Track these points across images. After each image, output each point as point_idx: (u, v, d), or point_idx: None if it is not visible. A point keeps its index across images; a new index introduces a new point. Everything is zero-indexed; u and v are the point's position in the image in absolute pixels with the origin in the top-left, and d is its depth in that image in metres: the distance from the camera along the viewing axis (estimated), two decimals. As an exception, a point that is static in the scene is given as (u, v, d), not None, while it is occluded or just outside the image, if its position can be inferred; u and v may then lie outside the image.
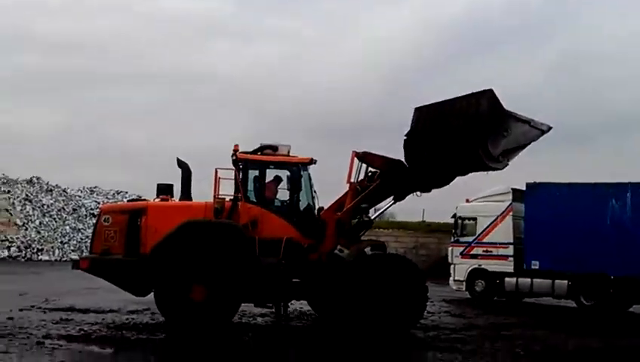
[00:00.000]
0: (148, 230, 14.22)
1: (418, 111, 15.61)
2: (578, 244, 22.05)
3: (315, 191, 15.16)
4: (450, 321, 17.11)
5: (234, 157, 14.88)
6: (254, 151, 15.08)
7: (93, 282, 19.65)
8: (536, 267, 23.09)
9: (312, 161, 14.96)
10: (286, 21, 72.91)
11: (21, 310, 15.18)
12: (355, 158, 15.41)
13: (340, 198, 15.53)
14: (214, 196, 14.44)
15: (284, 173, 15.19)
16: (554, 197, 22.63)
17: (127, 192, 49.50)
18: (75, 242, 41.62)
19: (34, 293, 18.70)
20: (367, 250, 15.23)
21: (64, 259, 39.93)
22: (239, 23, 75.36)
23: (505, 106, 14.16)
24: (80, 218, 42.99)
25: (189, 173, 15.26)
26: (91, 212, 44.82)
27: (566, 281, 22.57)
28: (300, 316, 16.80)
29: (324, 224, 15.11)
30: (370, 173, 15.61)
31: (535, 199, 23.35)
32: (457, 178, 15.80)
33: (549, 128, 14.94)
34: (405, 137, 15.55)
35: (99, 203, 46.78)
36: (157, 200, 14.94)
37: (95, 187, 46.91)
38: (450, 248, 26.07)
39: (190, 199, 15.15)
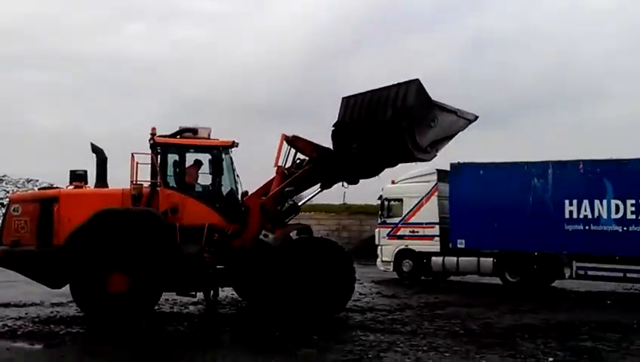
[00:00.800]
0: (61, 219, 13.45)
1: (346, 101, 15.37)
2: (502, 222, 22.32)
3: (237, 176, 14.64)
4: (384, 302, 17.00)
5: (151, 141, 14.24)
6: (173, 135, 14.46)
7: (7, 275, 18.81)
8: (462, 246, 23.30)
9: (234, 144, 14.43)
10: (203, 2, 71.12)
11: None
12: (284, 142, 15.02)
13: (266, 184, 15.14)
14: (131, 182, 13.75)
15: (204, 157, 14.63)
16: (477, 177, 22.77)
17: (37, 180, 47.75)
18: None
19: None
20: (293, 234, 14.84)
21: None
22: (155, 4, 73.21)
23: (431, 96, 14.07)
24: (-12, 208, 41.18)
25: (105, 159, 14.51)
26: (0, 202, 43.19)
27: (491, 259, 22.84)
28: (232, 303, 16.33)
29: (247, 209, 14.66)
30: (298, 160, 15.27)
31: (459, 179, 23.51)
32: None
33: (476, 117, 14.92)
34: (333, 128, 15.32)
35: (8, 192, 45.01)
36: (70, 187, 14.13)
37: (4, 176, 44.93)
38: (377, 230, 26.03)
39: (106, 186, 14.43)
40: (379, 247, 25.69)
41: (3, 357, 9.70)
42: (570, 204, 21.35)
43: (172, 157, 14.34)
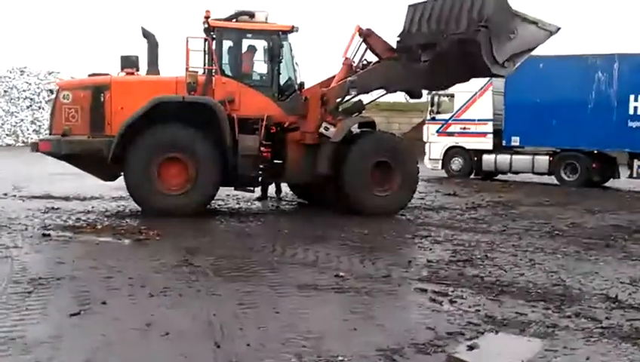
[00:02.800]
0: (113, 108, 12.68)
1: (412, 9, 14.26)
2: (560, 119, 21.35)
3: (296, 64, 13.63)
4: (450, 201, 16.36)
5: (205, 25, 13.25)
6: (229, 18, 13.40)
7: (48, 167, 18.50)
8: (517, 143, 22.44)
9: (294, 29, 13.36)
10: None
11: None
12: (357, 34, 13.98)
13: (329, 78, 14.18)
14: (186, 69, 12.85)
15: (260, 43, 13.62)
16: (536, 70, 21.46)
17: (59, 72, 47.15)
18: (9, 126, 39.68)
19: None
20: (355, 127, 13.97)
21: (-3, 143, 38.36)
22: None
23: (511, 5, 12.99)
24: (12, 100, 40.75)
25: (156, 44, 13.58)
26: (24, 94, 42.66)
27: (547, 157, 21.98)
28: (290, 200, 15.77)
29: (306, 100, 13.75)
30: (365, 61, 14.26)
31: (516, 73, 22.12)
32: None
33: (558, 29, 13.69)
34: (398, 38, 14.24)
35: (30, 84, 44.51)
36: (122, 74, 13.27)
37: (24, 67, 44.21)
38: (425, 126, 25.10)
39: (158, 73, 13.56)
40: (427, 144, 24.85)
41: (99, 249, 9.16)
42: (636, 100, 20.26)
43: (227, 43, 13.35)
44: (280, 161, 13.60)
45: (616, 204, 16.71)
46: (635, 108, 20.19)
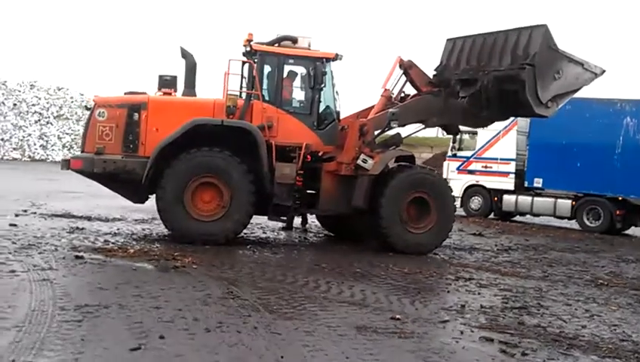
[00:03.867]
0: (148, 128, 12.36)
1: (451, 44, 14.11)
2: (585, 163, 21.07)
3: (336, 93, 13.35)
4: (478, 241, 16.06)
5: (248, 49, 12.99)
6: (271, 43, 13.14)
7: (58, 184, 18.16)
8: (539, 185, 22.13)
9: (337, 57, 13.10)
10: None
11: (17, 215, 13.66)
12: (398, 66, 13.76)
13: (368, 108, 13.91)
14: (226, 92, 12.56)
15: (300, 70, 13.34)
16: (563, 112, 20.95)
17: (68, 89, 47.16)
18: (16, 140, 39.52)
19: (5, 195, 16.99)
20: (393, 162, 13.65)
21: (4, 157, 37.96)
22: None
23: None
24: (21, 114, 40.60)
25: (194, 64, 13.28)
26: (33, 109, 42.51)
27: (570, 201, 21.65)
28: (317, 231, 15.40)
29: (343, 130, 13.46)
30: (403, 94, 14.03)
31: (542, 113, 22.07)
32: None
33: (603, 71, 13.54)
34: (435, 72, 14.08)
35: (40, 98, 44.39)
36: (159, 94, 12.97)
37: (35, 82, 44.12)
38: (446, 162, 24.79)
39: (194, 94, 13.25)
40: (447, 181, 24.48)
41: (138, 276, 8.79)
42: (665, 147, 19.98)
43: (268, 68, 13.08)
44: (312, 191, 13.24)
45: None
46: (664, 155, 19.92)
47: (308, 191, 13.25)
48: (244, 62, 13.26)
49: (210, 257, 10.60)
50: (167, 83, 12.97)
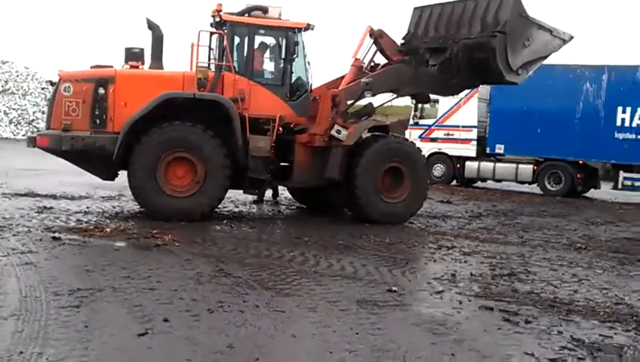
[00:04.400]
0: (116, 103, 11.95)
1: (419, 12, 14.00)
2: (546, 129, 21.38)
3: (308, 63, 13.12)
4: (448, 208, 16.16)
5: (217, 19, 12.65)
6: (241, 13, 12.80)
7: (14, 161, 17.65)
8: (501, 151, 22.37)
9: (310, 27, 12.86)
10: None
11: None
12: (368, 35, 13.57)
13: (338, 79, 13.72)
14: (196, 64, 12.22)
15: (272, 41, 13.08)
16: (523, 79, 21.42)
17: (13, 62, 45.97)
18: None
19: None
20: (366, 132, 13.54)
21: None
22: None
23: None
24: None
25: (161, 36, 12.86)
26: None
27: (531, 166, 21.96)
28: (289, 204, 15.24)
29: (315, 101, 13.27)
30: (373, 64, 13.87)
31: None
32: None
33: (571, 37, 13.60)
34: (402, 41, 13.97)
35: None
36: (126, 67, 12.54)
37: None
38: (407, 130, 24.81)
39: (162, 67, 12.86)
40: (409, 149, 24.53)
41: (123, 256, 8.53)
42: (623, 112, 20.39)
43: (238, 39, 12.77)
44: (286, 164, 13.08)
45: (612, 215, 16.74)
46: (623, 119, 20.34)
47: (281, 164, 13.08)
48: (212, 33, 12.90)
49: (189, 234, 10.35)
50: (134, 56, 12.55)
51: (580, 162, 21.25)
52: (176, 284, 7.19)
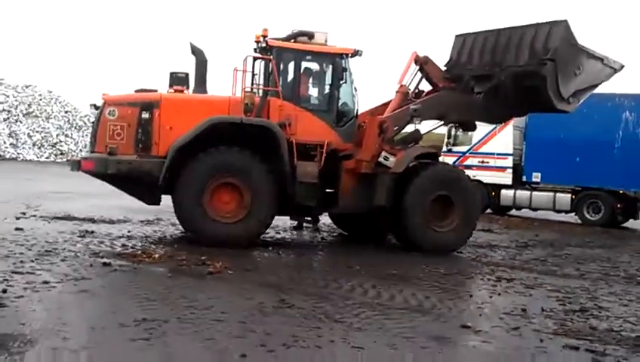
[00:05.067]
0: (162, 127, 11.73)
1: (461, 39, 13.77)
2: (585, 157, 20.98)
3: (355, 89, 12.86)
4: (492, 238, 15.76)
5: (263, 45, 12.44)
6: (287, 39, 12.60)
7: (41, 184, 17.49)
8: (538, 179, 21.98)
9: (357, 53, 12.61)
10: None
11: (18, 218, 12.97)
12: (414, 61, 13.33)
13: (383, 104, 13.46)
14: (242, 89, 12.00)
15: (318, 66, 12.85)
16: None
17: (36, 86, 46.22)
18: None
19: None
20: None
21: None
22: None
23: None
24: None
25: (205, 61, 12.69)
26: (0, 107, 41.48)
27: (569, 195, 21.53)
28: (329, 230, 14.91)
29: (361, 127, 12.99)
30: (418, 90, 13.60)
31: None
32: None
33: (622, 67, 13.33)
34: (444, 68, 13.80)
35: (8, 96, 43.28)
36: (171, 91, 12.34)
37: (2, 79, 43.13)
38: (441, 158, 24.39)
39: (206, 92, 12.66)
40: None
41: (178, 285, 8.21)
42: (665, 140, 19.96)
43: (286, 64, 12.55)
44: (331, 190, 12.76)
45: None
46: (664, 149, 19.90)
47: (326, 190, 12.77)
48: (256, 58, 12.68)
49: (239, 261, 10.06)
50: (179, 80, 12.36)
51: (620, 191, 20.79)
52: (241, 316, 6.87)
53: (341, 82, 12.45)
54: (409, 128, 13.45)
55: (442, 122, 14.04)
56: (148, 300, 7.25)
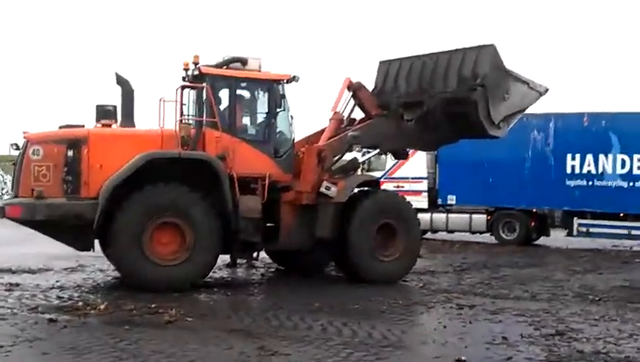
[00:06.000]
0: (91, 166, 10.86)
1: (386, 66, 13.69)
2: (497, 178, 21.42)
3: (291, 117, 12.42)
4: (424, 264, 15.41)
5: (195, 73, 11.84)
6: (219, 65, 12.03)
7: None
8: (453, 202, 22.23)
9: (294, 78, 12.21)
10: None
11: None
12: (346, 88, 13.06)
13: (317, 132, 13.11)
14: (178, 121, 11.34)
15: (252, 94, 12.36)
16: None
17: None
18: None
19: None
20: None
21: None
22: None
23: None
24: None
25: (131, 92, 11.92)
26: None
27: (484, 216, 21.89)
28: (264, 265, 14.31)
29: (298, 156, 12.58)
30: (351, 118, 13.36)
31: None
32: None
33: (546, 90, 13.59)
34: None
35: None
36: (98, 126, 11.49)
37: None
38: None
39: (133, 125, 11.88)
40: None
41: (143, 338, 7.47)
42: (573, 159, 20.67)
43: (219, 93, 11.97)
44: (271, 225, 12.23)
45: (583, 263, 16.69)
46: (573, 166, 20.58)
47: (267, 225, 12.23)
48: (186, 87, 12.03)
49: (191, 306, 9.40)
50: (106, 113, 11.55)
51: (533, 210, 21.33)
52: (229, 369, 6.26)
53: (278, 110, 12.00)
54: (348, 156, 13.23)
55: (377, 150, 13.83)
56: (120, 359, 6.51)
